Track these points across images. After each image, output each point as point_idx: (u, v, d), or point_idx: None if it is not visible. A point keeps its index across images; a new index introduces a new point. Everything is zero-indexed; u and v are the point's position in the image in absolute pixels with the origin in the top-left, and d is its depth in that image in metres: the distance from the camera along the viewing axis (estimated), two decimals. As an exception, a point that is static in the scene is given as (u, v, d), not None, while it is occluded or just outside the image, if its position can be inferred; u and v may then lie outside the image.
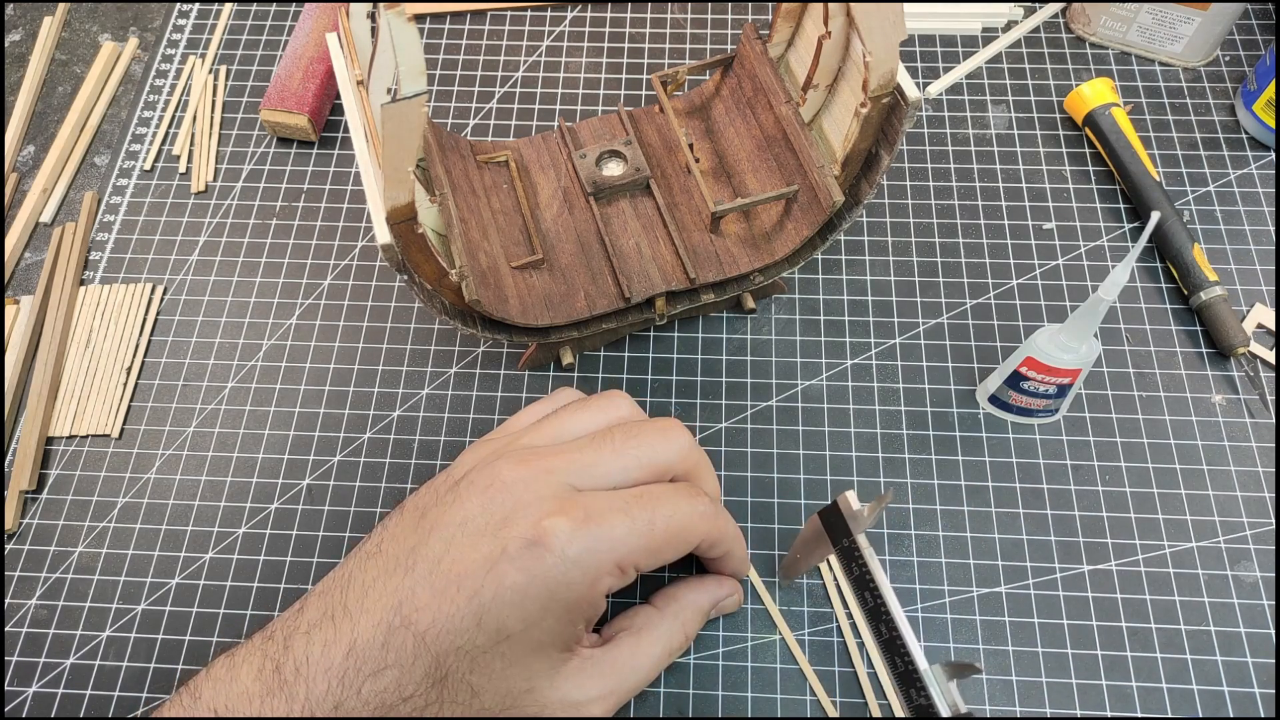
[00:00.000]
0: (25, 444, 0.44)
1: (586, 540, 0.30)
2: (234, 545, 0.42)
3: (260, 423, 0.45)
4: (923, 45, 0.55)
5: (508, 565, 0.30)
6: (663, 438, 0.34)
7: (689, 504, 0.33)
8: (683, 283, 0.43)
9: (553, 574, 0.30)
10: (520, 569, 0.30)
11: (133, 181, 0.52)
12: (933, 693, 0.31)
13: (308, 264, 0.49)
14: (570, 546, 0.30)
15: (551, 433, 0.34)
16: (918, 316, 0.47)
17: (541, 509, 0.30)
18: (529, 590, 0.30)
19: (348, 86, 0.36)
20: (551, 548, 0.30)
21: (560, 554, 0.30)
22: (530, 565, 0.30)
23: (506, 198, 0.45)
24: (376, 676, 0.29)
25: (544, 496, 0.31)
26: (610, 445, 0.33)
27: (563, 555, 0.30)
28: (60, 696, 0.39)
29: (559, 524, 0.30)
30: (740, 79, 0.46)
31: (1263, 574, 0.40)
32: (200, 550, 0.42)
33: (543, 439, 0.34)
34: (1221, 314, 0.44)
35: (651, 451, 0.33)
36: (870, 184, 0.41)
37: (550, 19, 0.57)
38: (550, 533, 0.30)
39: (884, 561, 0.41)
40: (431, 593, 0.30)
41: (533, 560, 0.30)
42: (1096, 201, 0.49)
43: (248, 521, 0.43)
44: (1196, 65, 0.54)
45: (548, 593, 0.30)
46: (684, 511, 0.32)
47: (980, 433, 0.44)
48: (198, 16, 0.58)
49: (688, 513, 0.32)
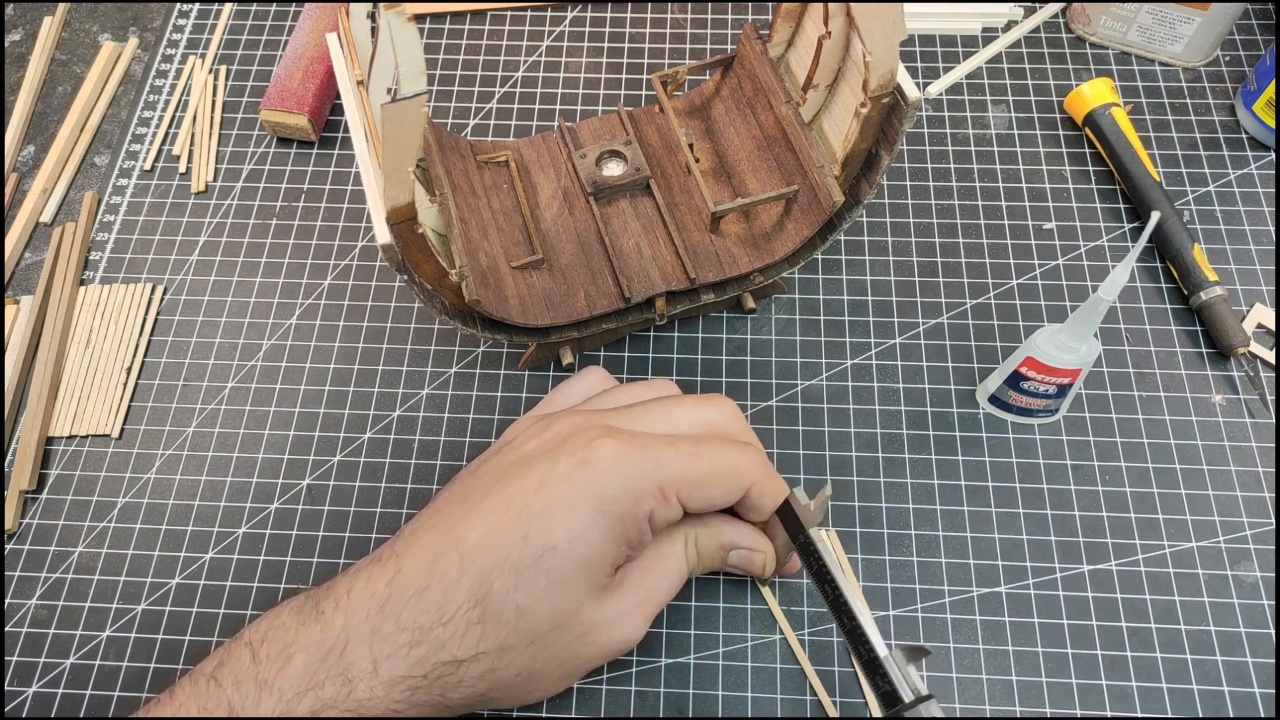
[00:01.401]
0: (25, 444, 0.44)
1: (632, 456, 0.31)
2: (234, 545, 0.42)
3: (260, 423, 0.45)
4: (923, 45, 0.55)
5: (557, 481, 0.31)
6: (709, 405, 0.35)
7: (735, 450, 0.34)
8: (683, 283, 0.43)
9: (598, 485, 0.31)
10: (569, 483, 0.31)
11: (133, 181, 0.52)
12: (893, 676, 0.31)
13: (308, 264, 0.49)
14: (617, 461, 0.31)
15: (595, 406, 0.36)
16: (918, 316, 0.47)
17: (591, 434, 0.32)
18: (576, 503, 0.31)
19: (348, 86, 0.36)
20: (598, 463, 0.31)
21: (606, 468, 0.31)
22: (578, 478, 0.31)
23: (506, 198, 0.45)
24: (419, 598, 0.30)
25: (595, 426, 0.33)
26: (660, 406, 0.35)
27: (609, 469, 0.31)
28: (60, 696, 0.39)
29: (606, 444, 0.32)
30: (740, 79, 0.46)
31: (1263, 574, 0.40)
32: (200, 550, 0.42)
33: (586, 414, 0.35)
34: (1221, 314, 0.44)
35: (696, 414, 0.35)
36: (870, 184, 0.41)
37: (550, 19, 0.57)
38: (598, 449, 0.31)
39: (883, 562, 0.41)
40: (480, 515, 0.31)
41: (581, 474, 0.31)
42: (1096, 201, 0.49)
43: (248, 521, 0.43)
44: (1196, 65, 0.54)
45: (595, 505, 0.31)
46: (729, 452, 0.33)
47: (980, 433, 0.44)
48: (198, 16, 0.58)
49: (733, 454, 0.34)
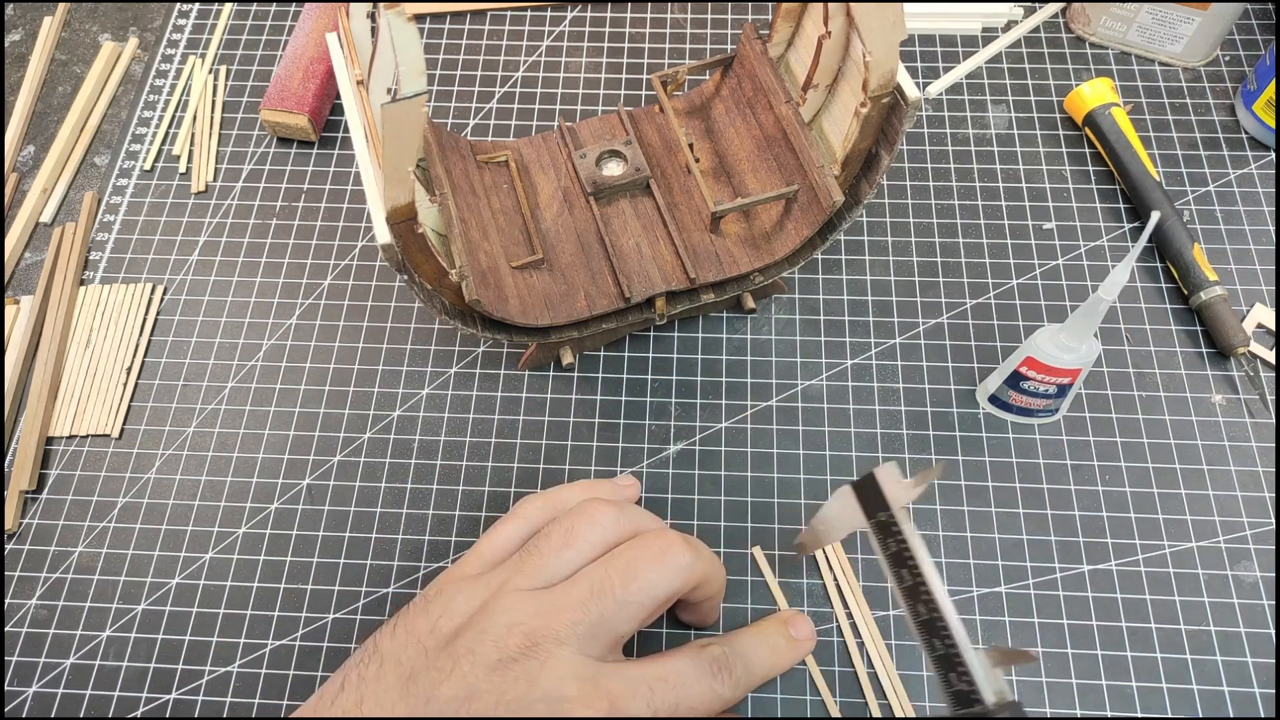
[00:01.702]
0: (25, 444, 0.44)
1: (581, 658, 0.30)
2: (234, 545, 0.42)
3: (260, 423, 0.45)
4: (923, 45, 0.55)
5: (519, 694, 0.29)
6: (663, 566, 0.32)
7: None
8: (683, 283, 0.43)
9: (559, 688, 0.30)
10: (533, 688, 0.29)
11: (133, 181, 0.52)
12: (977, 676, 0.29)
13: (308, 264, 0.49)
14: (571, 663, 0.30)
15: (541, 574, 0.32)
16: (918, 316, 0.47)
17: (561, 690, 0.30)
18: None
19: (348, 86, 0.36)
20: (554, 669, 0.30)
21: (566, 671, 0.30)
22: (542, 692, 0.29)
23: (506, 198, 0.45)
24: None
25: (563, 677, 0.30)
26: (612, 597, 0.31)
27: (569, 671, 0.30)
28: (60, 696, 0.39)
29: (559, 656, 0.30)
30: (740, 79, 0.46)
31: (1263, 574, 0.40)
32: (200, 550, 0.42)
33: (531, 581, 0.32)
34: (1221, 314, 0.44)
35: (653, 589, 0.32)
36: (870, 184, 0.41)
37: (550, 19, 0.57)
38: (549, 666, 0.30)
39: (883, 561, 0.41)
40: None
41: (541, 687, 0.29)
42: (1096, 201, 0.49)
43: (248, 521, 0.43)
44: (1196, 65, 0.54)
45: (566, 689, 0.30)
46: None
47: (980, 433, 0.44)
48: (198, 16, 0.58)
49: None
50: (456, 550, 0.42)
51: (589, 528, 0.33)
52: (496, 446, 0.44)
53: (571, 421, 0.44)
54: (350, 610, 0.41)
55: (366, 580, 0.41)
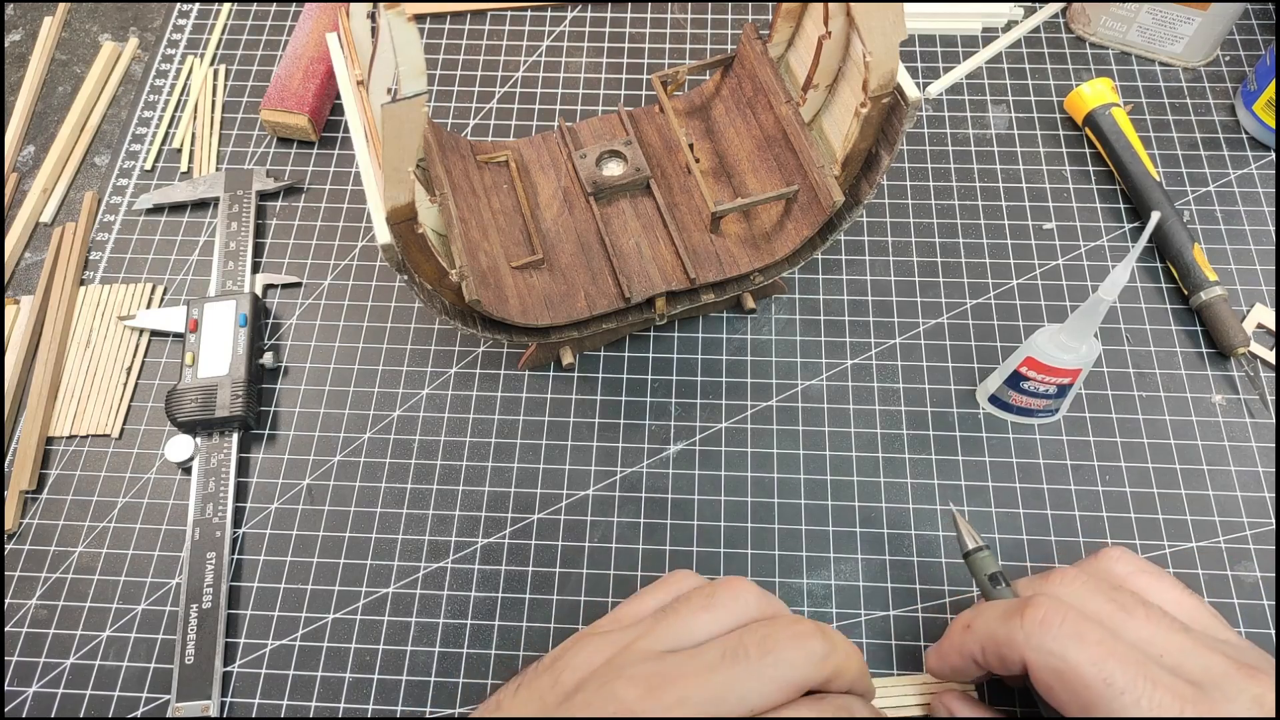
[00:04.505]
0: (25, 444, 0.44)
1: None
2: (234, 545, 0.42)
3: (260, 422, 0.45)
4: (923, 45, 0.55)
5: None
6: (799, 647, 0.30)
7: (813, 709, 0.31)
8: (683, 283, 0.43)
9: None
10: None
11: (133, 181, 0.52)
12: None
13: (308, 264, 0.49)
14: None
15: (673, 635, 0.31)
16: (918, 316, 0.47)
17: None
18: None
19: (348, 86, 0.36)
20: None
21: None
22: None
23: (506, 198, 0.45)
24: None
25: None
26: (746, 663, 0.30)
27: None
28: (60, 696, 0.39)
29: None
30: (740, 79, 0.46)
31: (1263, 574, 0.40)
32: (200, 550, 0.42)
33: (663, 642, 0.31)
34: (1221, 314, 0.44)
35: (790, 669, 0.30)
36: (870, 184, 0.41)
37: (550, 19, 0.57)
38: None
39: (883, 561, 0.41)
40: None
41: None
42: (1096, 201, 0.49)
43: (248, 521, 0.43)
44: (1196, 65, 0.54)
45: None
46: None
47: (980, 433, 0.44)
48: (198, 16, 0.58)
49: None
50: (456, 550, 0.42)
51: (731, 598, 0.32)
52: (496, 446, 0.44)
53: (571, 421, 0.44)
54: (350, 610, 0.41)
55: (366, 580, 0.41)
